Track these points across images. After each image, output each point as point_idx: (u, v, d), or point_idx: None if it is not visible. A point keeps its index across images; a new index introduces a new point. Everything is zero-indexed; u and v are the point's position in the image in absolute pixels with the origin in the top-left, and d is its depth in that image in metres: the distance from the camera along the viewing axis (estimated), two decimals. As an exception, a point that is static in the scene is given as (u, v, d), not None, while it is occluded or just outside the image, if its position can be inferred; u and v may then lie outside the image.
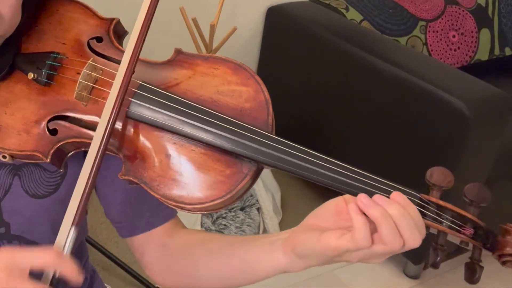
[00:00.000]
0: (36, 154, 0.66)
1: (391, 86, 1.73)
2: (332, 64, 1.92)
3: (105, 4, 1.05)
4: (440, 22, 2.17)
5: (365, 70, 1.79)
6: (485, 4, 2.32)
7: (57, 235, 0.61)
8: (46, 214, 0.75)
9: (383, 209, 0.57)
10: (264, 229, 1.97)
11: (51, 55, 0.68)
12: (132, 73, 0.63)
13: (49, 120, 0.67)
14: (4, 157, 0.66)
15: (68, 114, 0.67)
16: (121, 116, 0.65)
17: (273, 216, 1.98)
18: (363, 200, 0.58)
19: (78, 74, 0.66)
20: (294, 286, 1.81)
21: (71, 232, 0.60)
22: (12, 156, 0.67)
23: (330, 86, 1.96)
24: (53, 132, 0.67)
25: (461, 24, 2.23)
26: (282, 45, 2.14)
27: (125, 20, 0.73)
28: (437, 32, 2.15)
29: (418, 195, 0.62)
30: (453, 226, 0.62)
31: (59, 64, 0.68)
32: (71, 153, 0.69)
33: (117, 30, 0.73)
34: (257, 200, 1.97)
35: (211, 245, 0.77)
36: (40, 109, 0.67)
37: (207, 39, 1.76)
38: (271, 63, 2.21)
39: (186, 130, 0.63)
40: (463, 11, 2.25)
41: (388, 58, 1.74)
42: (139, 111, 0.64)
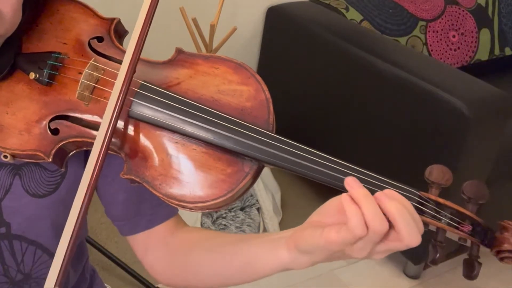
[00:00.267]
0: (38, 153, 0.66)
1: (391, 86, 1.73)
2: (332, 64, 1.92)
3: (106, 4, 1.05)
4: (440, 22, 2.17)
5: (365, 70, 1.79)
6: (485, 4, 2.32)
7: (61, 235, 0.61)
8: (47, 214, 0.76)
9: (366, 193, 0.58)
10: (264, 229, 1.97)
11: (53, 55, 0.68)
12: (133, 72, 0.63)
13: (51, 120, 0.67)
14: (5, 156, 0.66)
15: (69, 114, 0.67)
16: (123, 115, 0.65)
17: (273, 216, 1.98)
18: (349, 181, 0.58)
19: (79, 74, 0.66)
20: (294, 286, 1.81)
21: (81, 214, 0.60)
22: (13, 156, 0.67)
23: (330, 86, 1.96)
24: (55, 131, 0.67)
25: (461, 24, 2.23)
26: (282, 45, 2.14)
27: (126, 20, 0.74)
28: (437, 32, 2.15)
29: (418, 193, 0.63)
30: (452, 223, 0.62)
31: (60, 64, 0.68)
32: (73, 152, 0.69)
33: (118, 30, 0.73)
34: (257, 200, 1.97)
35: (213, 242, 0.77)
36: (42, 109, 0.67)
37: (207, 39, 1.76)
38: (271, 63, 2.20)
39: (188, 129, 0.63)
40: (463, 11, 2.25)
41: (388, 58, 1.74)
42: (141, 110, 0.65)
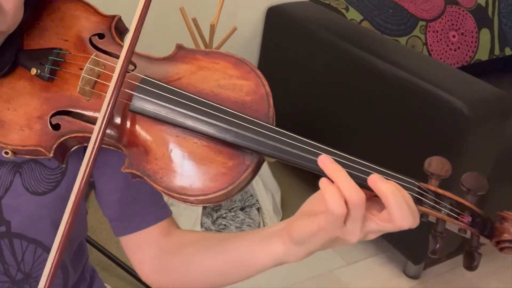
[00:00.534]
0: (39, 149, 0.66)
1: (391, 86, 1.73)
2: (332, 64, 1.92)
3: (106, 1, 1.05)
4: (440, 22, 2.17)
5: (365, 70, 1.79)
6: (485, 4, 2.33)
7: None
8: (47, 212, 0.76)
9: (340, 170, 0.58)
10: (264, 229, 1.97)
11: (54, 50, 0.68)
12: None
13: (52, 116, 0.67)
14: (6, 153, 0.66)
15: (71, 110, 0.67)
16: (123, 109, 0.65)
17: (273, 216, 1.98)
18: (322, 158, 0.59)
19: (81, 69, 0.67)
20: (294, 286, 1.81)
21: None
22: (14, 152, 0.66)
23: (330, 86, 1.96)
24: (56, 127, 0.67)
25: (461, 24, 2.23)
26: (282, 45, 2.15)
27: (126, 18, 0.74)
28: (437, 32, 2.16)
29: (417, 184, 0.63)
30: (451, 213, 0.63)
31: (62, 60, 0.68)
32: (74, 148, 0.69)
33: (119, 27, 0.73)
34: (257, 200, 1.97)
35: (205, 242, 0.77)
36: (43, 104, 0.67)
37: (207, 39, 1.76)
38: (271, 63, 2.21)
39: (188, 123, 0.63)
40: (463, 11, 2.25)
41: (388, 58, 1.75)
42: (142, 104, 0.65)
